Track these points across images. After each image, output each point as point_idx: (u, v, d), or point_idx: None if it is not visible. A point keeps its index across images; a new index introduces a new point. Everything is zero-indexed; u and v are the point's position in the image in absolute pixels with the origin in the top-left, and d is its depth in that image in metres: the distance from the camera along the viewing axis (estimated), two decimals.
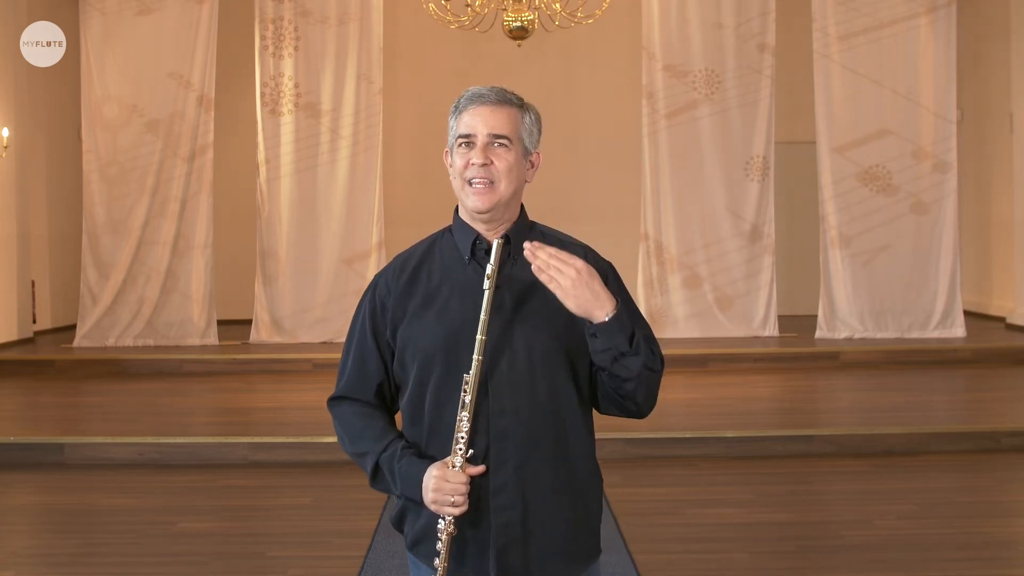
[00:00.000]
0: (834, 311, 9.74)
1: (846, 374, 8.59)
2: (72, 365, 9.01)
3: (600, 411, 2.06)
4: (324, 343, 9.76)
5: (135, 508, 5.21)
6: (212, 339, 9.80)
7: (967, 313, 10.09)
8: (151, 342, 9.76)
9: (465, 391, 1.88)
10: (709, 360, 8.77)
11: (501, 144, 1.97)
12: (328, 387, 2.15)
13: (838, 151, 9.75)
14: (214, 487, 5.60)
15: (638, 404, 1.98)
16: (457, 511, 1.89)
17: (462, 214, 2.04)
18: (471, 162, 1.96)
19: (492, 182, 1.96)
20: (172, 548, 4.54)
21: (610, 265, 2.07)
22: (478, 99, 1.99)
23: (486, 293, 1.87)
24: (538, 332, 1.96)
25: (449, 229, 2.07)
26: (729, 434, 6.15)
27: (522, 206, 2.07)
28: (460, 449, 1.89)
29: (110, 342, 9.73)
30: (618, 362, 1.90)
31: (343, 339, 8.60)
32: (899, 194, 9.72)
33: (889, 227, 9.71)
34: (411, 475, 1.94)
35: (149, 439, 6.17)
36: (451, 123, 2.02)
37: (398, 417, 2.10)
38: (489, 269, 1.88)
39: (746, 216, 9.87)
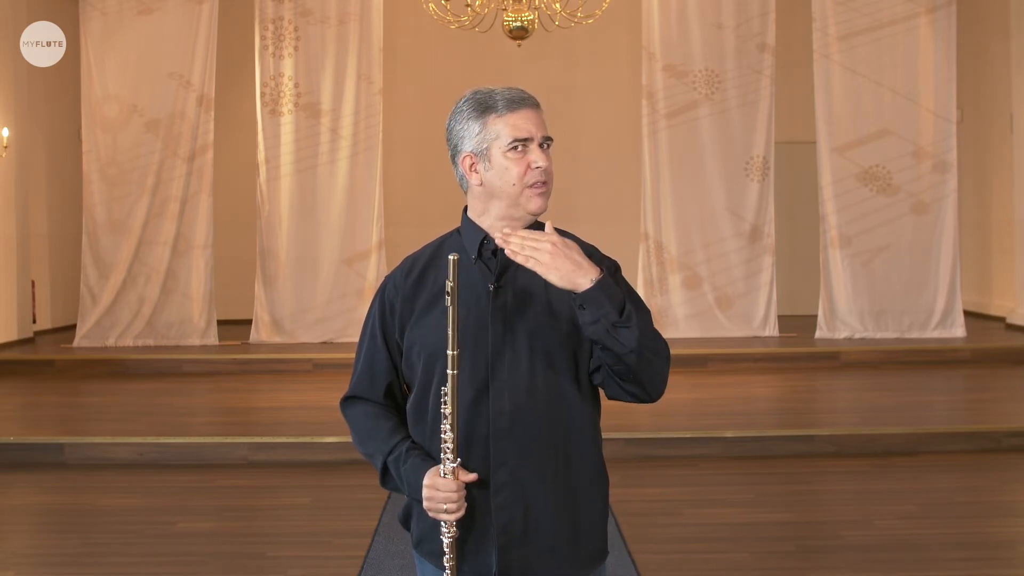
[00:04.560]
0: (834, 311, 9.74)
1: (846, 374, 8.59)
2: (72, 365, 9.01)
3: (608, 396, 2.02)
4: (324, 343, 9.76)
5: (135, 508, 5.21)
6: (212, 339, 9.80)
7: (967, 313, 10.09)
8: (151, 342, 9.76)
9: (444, 403, 1.89)
10: (709, 360, 8.77)
11: (549, 145, 2.01)
12: (328, 387, 2.17)
13: (838, 151, 9.74)
14: (214, 487, 5.60)
15: (641, 387, 1.93)
16: (451, 517, 1.90)
17: (477, 217, 2.03)
18: (535, 165, 1.96)
19: (546, 183, 1.99)
20: (172, 548, 4.54)
21: (616, 263, 2.07)
22: (522, 103, 1.98)
23: (449, 309, 1.85)
24: (541, 333, 1.96)
25: (458, 230, 2.07)
26: (729, 434, 6.15)
27: None
28: (448, 458, 1.90)
29: (110, 342, 9.73)
30: (610, 334, 1.85)
31: (343, 339, 8.63)
32: (899, 194, 9.72)
33: (889, 227, 9.71)
34: (413, 479, 1.97)
35: (149, 439, 6.17)
36: (474, 126, 1.98)
37: None
38: (448, 286, 1.85)
39: (746, 216, 9.87)
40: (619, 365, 1.89)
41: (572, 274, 1.84)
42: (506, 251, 1.87)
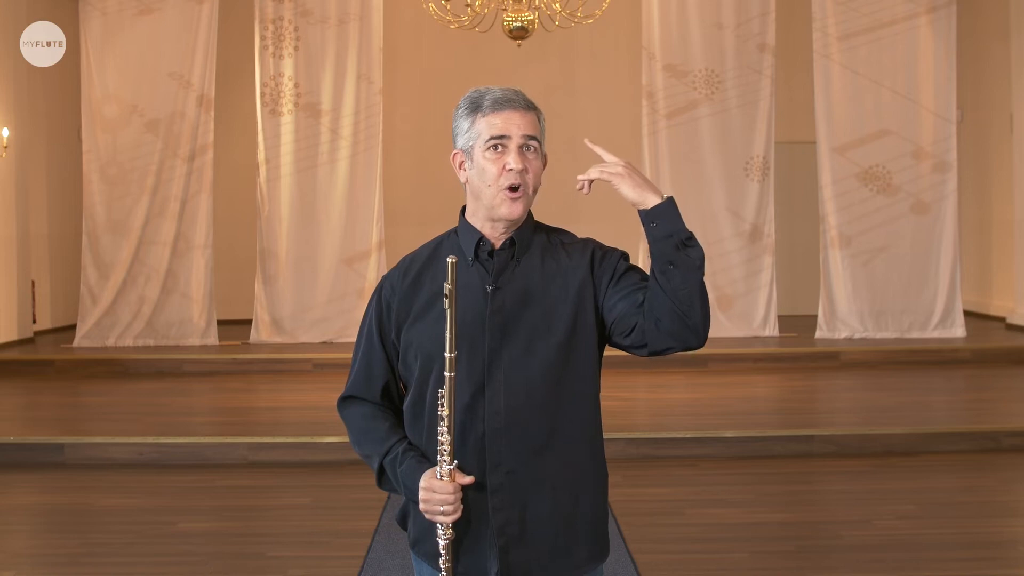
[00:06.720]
0: (834, 311, 9.75)
1: (846, 374, 8.59)
2: (72, 365, 9.00)
3: (649, 352, 1.96)
4: (324, 343, 9.76)
5: (135, 508, 5.21)
6: (212, 339, 9.81)
7: (967, 313, 10.09)
8: (151, 342, 9.76)
9: (442, 405, 1.88)
10: (709, 360, 8.76)
11: (533, 149, 1.97)
12: (328, 387, 2.17)
13: (838, 151, 9.75)
14: (214, 487, 5.60)
15: (697, 312, 1.90)
16: (448, 519, 1.90)
17: (471, 217, 2.03)
18: (509, 168, 1.93)
19: (523, 187, 1.95)
20: (172, 548, 4.54)
21: (624, 252, 2.06)
22: (507, 103, 1.95)
23: (447, 312, 1.83)
24: (539, 334, 1.96)
25: (455, 231, 2.07)
26: (729, 434, 6.14)
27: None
28: (444, 460, 1.90)
29: (110, 342, 9.73)
30: (681, 252, 1.87)
31: (343, 339, 8.62)
32: (899, 194, 9.72)
33: (889, 227, 9.71)
34: (409, 481, 1.97)
35: (149, 439, 6.17)
36: (464, 124, 1.98)
37: None
38: (446, 289, 1.82)
39: (746, 216, 9.87)
40: (678, 294, 1.88)
41: (643, 187, 1.89)
42: (585, 177, 1.92)
